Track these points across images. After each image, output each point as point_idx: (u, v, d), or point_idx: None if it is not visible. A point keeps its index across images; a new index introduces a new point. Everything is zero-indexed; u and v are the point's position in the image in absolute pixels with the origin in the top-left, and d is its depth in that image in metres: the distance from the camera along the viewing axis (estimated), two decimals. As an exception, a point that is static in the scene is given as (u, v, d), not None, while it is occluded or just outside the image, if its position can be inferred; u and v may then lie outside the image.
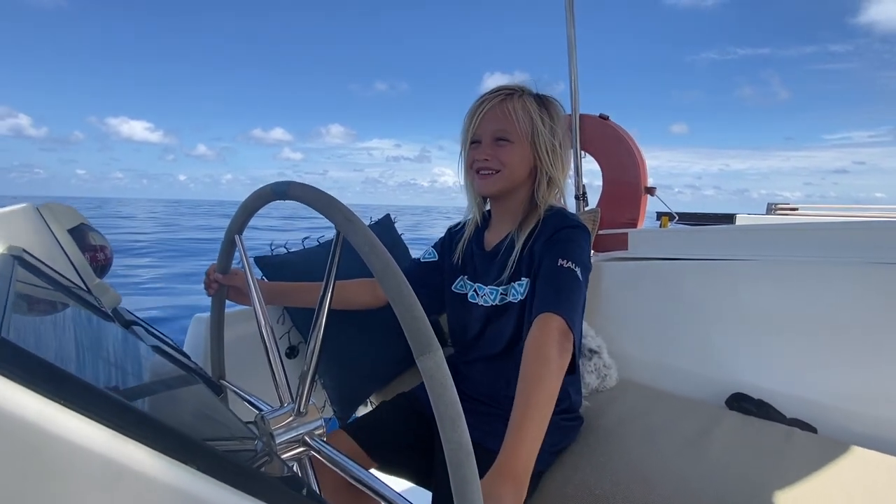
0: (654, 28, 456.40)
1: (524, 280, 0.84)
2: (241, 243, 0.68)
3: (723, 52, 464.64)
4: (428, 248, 1.05)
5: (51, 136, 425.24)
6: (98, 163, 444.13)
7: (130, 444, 0.22)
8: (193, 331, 1.05)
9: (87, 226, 0.73)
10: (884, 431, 1.05)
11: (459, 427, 0.37)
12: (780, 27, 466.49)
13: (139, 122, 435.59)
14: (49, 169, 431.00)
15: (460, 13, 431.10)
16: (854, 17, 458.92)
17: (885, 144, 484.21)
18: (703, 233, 1.55)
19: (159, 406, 0.36)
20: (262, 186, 0.61)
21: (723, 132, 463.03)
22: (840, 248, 1.20)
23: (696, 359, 1.36)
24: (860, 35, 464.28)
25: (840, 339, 1.15)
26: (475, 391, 0.93)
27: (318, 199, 0.48)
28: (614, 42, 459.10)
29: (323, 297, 0.54)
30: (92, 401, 0.22)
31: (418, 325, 0.39)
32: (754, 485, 0.84)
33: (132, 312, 0.77)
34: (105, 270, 0.75)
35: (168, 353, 0.61)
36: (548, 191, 0.86)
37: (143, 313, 0.79)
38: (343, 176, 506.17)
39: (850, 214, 3.29)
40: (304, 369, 0.56)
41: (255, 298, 0.63)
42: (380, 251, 0.42)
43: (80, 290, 0.58)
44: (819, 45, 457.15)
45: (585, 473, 0.87)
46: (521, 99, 0.83)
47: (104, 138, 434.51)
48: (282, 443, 0.55)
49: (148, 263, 9.47)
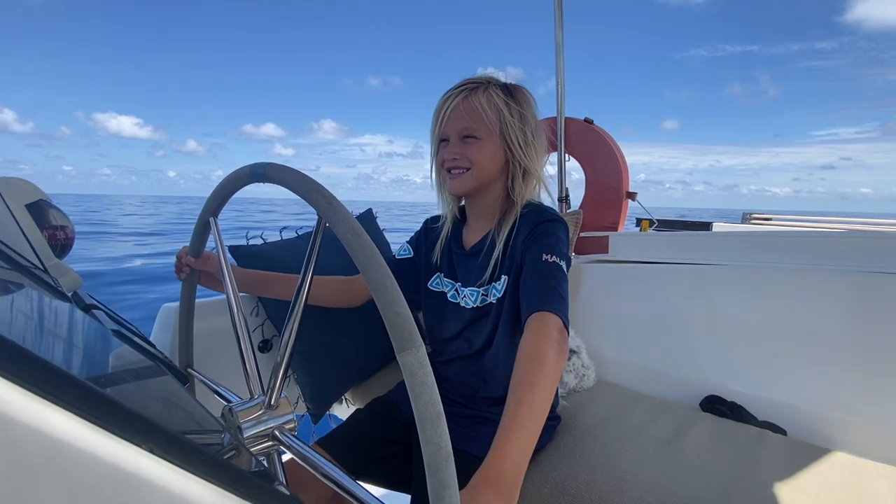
0: (645, 26, 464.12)
1: (504, 278, 0.82)
2: (215, 226, 0.65)
3: (712, 49, 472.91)
4: (403, 245, 1.01)
5: (37, 131, 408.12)
6: (85, 159, 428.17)
7: (74, 420, 0.19)
8: (161, 321, 1.00)
9: (46, 202, 0.68)
10: (851, 434, 1.08)
11: (439, 428, 0.36)
12: (767, 25, 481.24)
13: (128, 118, 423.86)
14: (35, 165, 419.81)
15: (455, 8, 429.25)
16: (840, 16, 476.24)
17: (871, 140, 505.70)
18: (681, 237, 1.57)
19: (116, 389, 0.33)
20: (239, 168, 0.59)
21: (713, 128, 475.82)
22: (812, 256, 1.24)
23: (672, 361, 1.38)
24: (846, 33, 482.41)
25: (810, 345, 1.18)
26: (453, 391, 0.91)
27: (299, 182, 0.45)
28: (608, 39, 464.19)
29: (301, 287, 0.52)
30: (36, 373, 0.19)
31: (401, 321, 0.37)
32: (726, 485, 0.85)
33: (93, 297, 0.73)
34: (66, 251, 0.70)
35: (129, 339, 0.57)
36: (524, 183, 0.83)
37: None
38: (335, 172, 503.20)
39: (822, 225, 3.41)
40: (276, 360, 0.53)
41: (227, 283, 0.60)
42: (364, 241, 0.40)
43: (35, 269, 0.54)
44: (805, 42, 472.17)
45: (562, 473, 0.86)
46: (487, 91, 0.79)
47: (91, 134, 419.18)
48: (250, 436, 0.53)
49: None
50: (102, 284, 6.84)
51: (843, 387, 1.13)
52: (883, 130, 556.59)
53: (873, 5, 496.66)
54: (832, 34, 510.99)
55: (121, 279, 7.41)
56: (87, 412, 0.20)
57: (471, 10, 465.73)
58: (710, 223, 3.48)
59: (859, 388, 1.10)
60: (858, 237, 1.26)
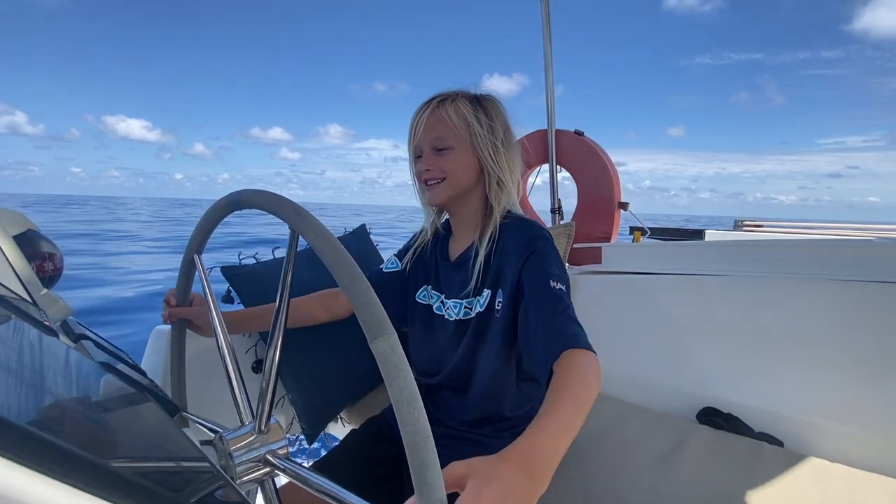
0: (650, 34, 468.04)
1: (486, 292, 0.82)
2: (200, 263, 0.66)
3: (717, 56, 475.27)
4: (390, 258, 1.02)
5: (47, 133, 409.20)
6: (94, 161, 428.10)
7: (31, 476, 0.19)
8: (153, 345, 1.00)
9: (35, 232, 0.68)
10: (848, 445, 1.07)
11: (416, 409, 0.36)
12: (772, 34, 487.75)
13: (137, 121, 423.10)
14: (44, 167, 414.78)
15: (461, 15, 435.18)
16: (847, 25, 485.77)
17: (879, 149, 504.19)
18: (674, 247, 1.58)
19: (90, 431, 0.33)
20: (216, 201, 0.60)
21: (719, 136, 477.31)
22: (805, 265, 1.24)
23: (667, 372, 1.38)
24: (853, 41, 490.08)
25: (807, 355, 1.18)
26: (445, 416, 0.89)
27: (270, 201, 0.49)
28: (612, 47, 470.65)
29: (279, 310, 0.52)
30: None
31: (371, 310, 0.39)
32: (724, 499, 0.84)
33: (83, 325, 0.72)
34: (54, 280, 0.70)
35: (118, 371, 0.57)
36: (500, 192, 0.84)
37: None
38: (341, 176, 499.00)
39: (814, 232, 3.43)
40: (262, 386, 0.53)
41: (215, 321, 0.60)
42: (332, 243, 0.42)
43: (22, 302, 0.54)
44: (812, 50, 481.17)
45: (560, 488, 0.85)
46: (454, 103, 0.81)
47: (101, 136, 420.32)
48: (242, 462, 0.53)
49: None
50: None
51: (840, 397, 1.12)
52: (891, 139, 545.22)
53: (881, 14, 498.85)
54: (839, 43, 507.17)
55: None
56: (35, 463, 0.19)
57: (477, 19, 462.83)
58: (702, 230, 3.49)
59: (857, 399, 1.09)
60: (854, 245, 1.26)
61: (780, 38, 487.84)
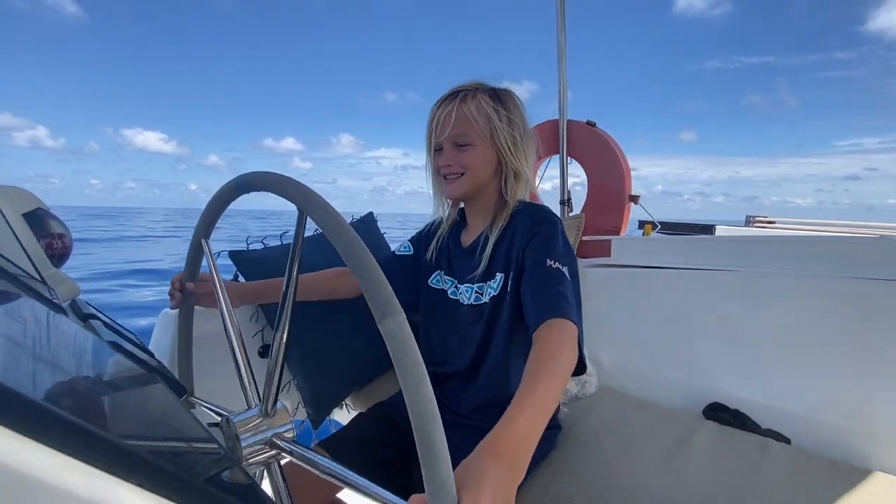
0: (658, 38, 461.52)
1: (498, 276, 0.84)
2: (207, 247, 0.66)
3: (727, 60, 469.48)
4: (404, 242, 1.04)
5: (67, 147, 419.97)
6: (112, 173, 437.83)
7: (41, 451, 0.19)
8: (160, 329, 1.00)
9: (44, 211, 0.68)
10: (857, 443, 1.07)
11: (423, 389, 0.36)
12: (783, 36, 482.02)
13: (153, 133, 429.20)
14: (64, 179, 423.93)
15: (471, 22, 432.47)
16: (862, 25, 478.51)
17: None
18: (684, 242, 1.56)
19: (102, 403, 0.33)
20: (223, 184, 0.60)
21: (732, 140, 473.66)
22: (815, 261, 1.22)
23: (674, 368, 1.37)
24: (867, 42, 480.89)
25: (815, 352, 1.17)
26: (455, 404, 0.90)
27: (278, 183, 0.49)
28: (621, 52, 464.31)
29: (287, 291, 0.52)
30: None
31: (379, 289, 0.38)
32: (730, 495, 0.84)
33: (92, 305, 0.72)
34: (63, 259, 0.70)
35: (125, 350, 0.57)
36: (516, 184, 0.86)
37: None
38: (352, 185, 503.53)
39: (826, 229, 3.38)
40: (268, 369, 0.53)
41: (222, 303, 0.60)
42: (340, 223, 0.42)
43: (31, 279, 0.54)
44: (825, 52, 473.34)
45: (563, 484, 0.85)
46: (476, 98, 0.82)
47: (119, 149, 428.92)
48: (248, 445, 0.53)
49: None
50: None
51: (848, 394, 1.11)
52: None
53: (895, 15, 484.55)
54: (852, 44, 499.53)
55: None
56: (47, 438, 0.19)
57: (486, 26, 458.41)
58: (712, 226, 3.45)
59: (865, 396, 1.08)
60: (864, 242, 1.24)
61: (791, 40, 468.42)
